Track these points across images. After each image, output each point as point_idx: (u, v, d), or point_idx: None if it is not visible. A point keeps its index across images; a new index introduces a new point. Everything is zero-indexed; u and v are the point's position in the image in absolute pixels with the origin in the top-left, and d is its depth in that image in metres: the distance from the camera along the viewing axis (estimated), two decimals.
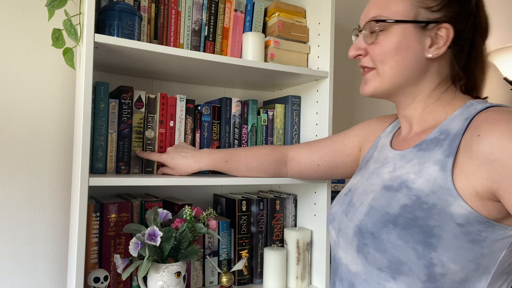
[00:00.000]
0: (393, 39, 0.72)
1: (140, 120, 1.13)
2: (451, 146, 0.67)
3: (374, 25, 0.74)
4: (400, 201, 0.68)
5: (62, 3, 0.95)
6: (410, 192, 0.67)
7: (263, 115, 1.32)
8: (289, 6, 1.34)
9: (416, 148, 0.73)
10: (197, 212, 1.06)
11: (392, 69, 0.73)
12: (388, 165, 0.77)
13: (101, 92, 1.05)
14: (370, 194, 0.75)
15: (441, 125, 0.72)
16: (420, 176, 0.68)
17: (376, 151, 0.86)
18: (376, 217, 0.69)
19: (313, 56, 1.33)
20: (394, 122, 0.91)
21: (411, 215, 0.65)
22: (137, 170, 1.12)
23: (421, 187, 0.66)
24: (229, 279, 1.14)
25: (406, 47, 0.72)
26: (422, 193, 0.66)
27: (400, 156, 0.76)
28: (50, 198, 1.20)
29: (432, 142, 0.70)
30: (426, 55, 0.72)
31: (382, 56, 0.73)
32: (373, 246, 0.68)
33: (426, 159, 0.69)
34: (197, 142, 1.20)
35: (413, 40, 0.72)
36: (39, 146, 1.19)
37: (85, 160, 0.89)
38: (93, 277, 1.00)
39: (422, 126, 0.77)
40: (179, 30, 1.22)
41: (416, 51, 0.72)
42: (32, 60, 1.18)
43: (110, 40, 0.93)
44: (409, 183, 0.68)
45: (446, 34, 0.71)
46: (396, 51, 0.72)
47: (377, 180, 0.76)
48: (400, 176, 0.71)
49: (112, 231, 1.07)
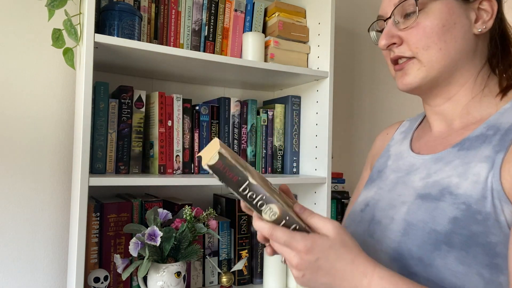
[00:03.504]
0: (437, 17, 0.62)
1: (140, 120, 1.13)
2: (502, 141, 0.57)
3: (411, 4, 0.63)
4: (447, 213, 0.56)
5: (62, 3, 0.95)
6: (456, 200, 0.56)
7: (262, 115, 1.32)
8: (289, 6, 1.34)
9: (456, 147, 0.62)
10: (197, 212, 1.06)
11: (441, 51, 0.62)
12: (417, 171, 0.66)
13: (101, 92, 1.06)
14: (400, 207, 0.64)
15: (489, 120, 0.62)
16: (466, 178, 0.57)
17: (390, 160, 0.75)
18: (420, 237, 0.57)
19: (313, 56, 1.33)
20: (402, 128, 0.81)
21: (467, 231, 0.53)
22: (136, 170, 1.12)
23: (468, 191, 0.55)
24: (229, 279, 1.14)
25: (454, 23, 0.62)
26: (471, 200, 0.55)
27: (434, 159, 0.65)
28: (50, 198, 1.20)
29: (478, 139, 0.60)
30: (474, 31, 0.63)
31: (426, 39, 0.62)
32: (425, 275, 0.55)
33: (471, 158, 0.59)
34: (196, 142, 1.20)
35: (459, 14, 0.62)
36: (39, 146, 1.19)
37: (85, 160, 0.89)
38: (93, 277, 1.00)
39: (464, 121, 0.66)
40: (179, 30, 1.22)
41: (465, 26, 0.63)
42: (32, 60, 1.18)
43: (110, 40, 0.93)
44: (453, 189, 0.58)
45: (490, 7, 0.63)
46: (443, 30, 0.62)
47: (406, 190, 0.65)
48: (439, 181, 0.60)
49: (112, 231, 1.07)
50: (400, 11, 0.65)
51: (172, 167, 1.14)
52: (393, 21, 0.65)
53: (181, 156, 1.16)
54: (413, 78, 0.65)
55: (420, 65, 0.64)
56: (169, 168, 1.14)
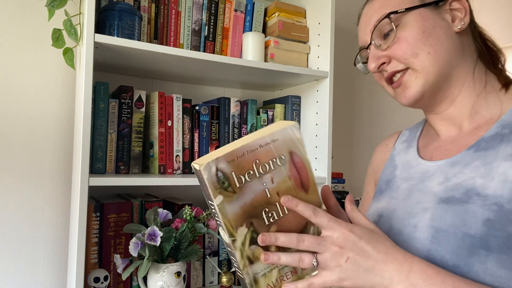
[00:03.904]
0: (415, 26, 0.63)
1: (140, 120, 1.13)
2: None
3: (387, 23, 0.65)
4: (479, 215, 0.54)
5: (62, 3, 0.95)
6: (486, 201, 0.54)
7: (262, 115, 1.32)
8: (289, 6, 1.34)
9: (472, 149, 0.61)
10: (197, 212, 1.06)
11: (430, 54, 0.63)
12: (433, 177, 0.64)
13: (101, 92, 1.06)
14: (423, 214, 0.61)
15: (502, 119, 0.61)
16: (492, 178, 0.56)
17: (397, 170, 0.74)
18: (453, 243, 0.55)
19: (313, 56, 1.33)
20: (403, 137, 0.81)
21: (503, 232, 0.51)
22: (136, 170, 1.12)
23: (498, 191, 0.54)
24: (229, 279, 1.14)
25: (432, 27, 0.63)
26: (502, 200, 0.53)
27: (450, 163, 0.63)
28: (50, 198, 1.20)
29: (495, 139, 0.59)
30: (455, 30, 0.64)
31: (412, 48, 0.63)
32: None
33: (492, 158, 0.58)
34: (196, 142, 1.20)
35: (435, 19, 0.64)
36: (39, 146, 1.19)
37: (85, 160, 0.89)
38: (93, 277, 1.00)
39: (474, 122, 0.65)
40: (179, 30, 1.22)
41: (444, 27, 0.64)
42: (32, 60, 1.18)
43: (110, 40, 0.93)
44: (479, 190, 0.56)
45: (461, 5, 0.65)
46: (424, 35, 0.63)
47: (425, 196, 0.63)
48: (461, 183, 0.59)
49: (112, 231, 1.07)
50: (378, 34, 0.66)
51: (172, 167, 1.14)
52: (375, 45, 0.67)
53: (181, 156, 1.16)
54: (414, 88, 0.65)
55: (416, 73, 0.64)
56: (169, 168, 1.14)
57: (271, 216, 0.53)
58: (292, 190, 0.53)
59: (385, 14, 0.64)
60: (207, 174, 0.49)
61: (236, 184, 0.51)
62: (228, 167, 0.50)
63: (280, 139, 0.51)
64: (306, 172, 0.53)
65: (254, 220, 0.52)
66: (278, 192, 0.53)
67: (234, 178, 0.51)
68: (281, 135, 0.51)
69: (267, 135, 0.51)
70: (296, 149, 0.52)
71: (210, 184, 0.50)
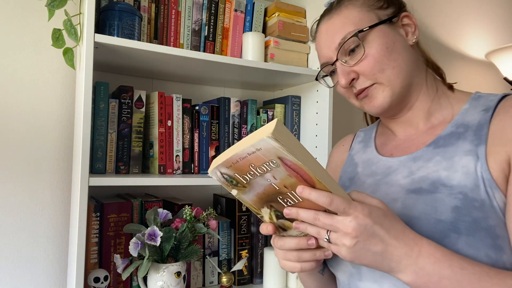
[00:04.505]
0: (378, 43, 0.69)
1: (140, 120, 1.13)
2: (478, 135, 0.63)
3: (353, 41, 0.69)
4: (447, 203, 0.60)
5: (62, 3, 0.95)
6: (452, 191, 0.60)
7: (262, 115, 1.32)
8: (289, 6, 1.34)
9: (431, 146, 0.68)
10: (197, 212, 1.06)
11: (394, 69, 0.69)
12: (397, 172, 0.70)
13: (101, 92, 1.06)
14: (393, 204, 0.66)
15: (455, 119, 0.68)
16: (455, 170, 0.62)
17: (359, 167, 0.80)
18: (426, 229, 0.60)
19: (313, 56, 1.33)
20: (358, 138, 0.87)
21: (469, 217, 0.58)
22: (136, 170, 1.12)
23: (462, 182, 0.60)
24: (229, 279, 1.14)
25: (393, 42, 0.69)
26: (466, 189, 0.60)
27: (411, 159, 0.69)
28: (50, 198, 1.20)
29: (452, 137, 0.66)
30: (409, 43, 0.71)
31: (379, 64, 0.68)
32: None
33: (451, 153, 0.64)
34: (196, 142, 1.20)
35: (393, 34, 0.70)
36: (39, 146, 1.19)
37: (85, 160, 0.89)
38: (93, 277, 1.00)
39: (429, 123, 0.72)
40: (179, 30, 1.22)
41: (402, 41, 0.71)
42: (32, 60, 1.18)
43: (110, 40, 0.93)
44: (445, 181, 0.62)
45: (410, 20, 0.72)
46: (388, 51, 0.69)
47: (393, 189, 0.69)
48: (427, 176, 0.65)
49: (112, 231, 1.07)
50: (343, 51, 0.70)
51: (172, 167, 1.14)
52: (341, 62, 0.71)
53: (181, 156, 1.16)
54: (382, 99, 0.70)
55: (382, 87, 0.69)
56: (169, 168, 1.14)
57: (287, 201, 0.56)
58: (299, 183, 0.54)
59: (351, 32, 0.69)
60: (215, 177, 0.57)
61: (243, 182, 0.56)
62: (229, 171, 0.54)
63: (263, 148, 0.50)
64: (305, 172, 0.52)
65: (273, 204, 0.57)
66: (285, 185, 0.54)
67: (239, 177, 0.55)
68: (261, 145, 0.50)
69: (249, 146, 0.50)
70: (283, 154, 0.50)
71: (222, 183, 0.57)
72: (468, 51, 2.22)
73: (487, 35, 2.31)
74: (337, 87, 0.75)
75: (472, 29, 2.24)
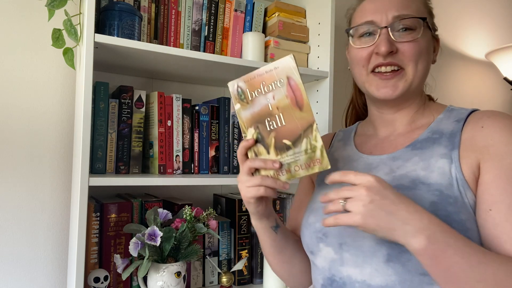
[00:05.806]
0: (426, 40, 0.73)
1: (140, 120, 1.13)
2: (451, 141, 0.70)
3: (414, 21, 0.71)
4: (425, 198, 0.66)
5: (62, 3, 0.95)
6: (430, 188, 0.67)
7: None
8: (289, 6, 1.34)
9: (409, 147, 0.74)
10: (197, 212, 1.06)
11: (424, 68, 0.74)
12: (378, 169, 0.75)
13: (101, 92, 1.06)
14: None
15: (430, 127, 0.75)
16: (431, 171, 0.68)
17: (339, 163, 0.83)
18: None
19: (313, 56, 1.33)
20: (338, 137, 0.91)
21: (445, 211, 0.64)
22: (136, 170, 1.12)
23: (438, 181, 0.67)
24: (229, 279, 1.14)
25: (429, 48, 0.75)
26: (442, 187, 0.66)
27: (391, 158, 0.75)
28: (50, 198, 1.20)
29: (428, 141, 0.72)
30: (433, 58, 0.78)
31: (418, 55, 0.72)
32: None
33: (428, 155, 0.70)
34: (196, 142, 1.20)
35: (432, 43, 0.77)
36: (39, 146, 1.19)
37: (85, 160, 0.89)
38: (93, 277, 1.00)
39: (408, 128, 0.78)
40: (179, 30, 1.22)
41: (431, 53, 0.77)
42: (32, 60, 1.18)
43: (110, 40, 0.93)
44: (423, 179, 0.68)
45: (438, 42, 0.80)
46: (427, 52, 0.74)
47: None
48: (406, 174, 0.70)
49: (112, 231, 1.07)
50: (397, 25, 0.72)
51: (172, 167, 1.14)
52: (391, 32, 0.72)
53: (181, 156, 1.16)
54: (402, 87, 0.73)
55: (406, 77, 0.73)
56: (169, 168, 1.14)
57: (271, 124, 0.70)
58: (289, 106, 0.69)
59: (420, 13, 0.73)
60: (231, 88, 0.73)
61: (249, 97, 0.72)
62: (244, 85, 0.72)
63: (280, 66, 0.68)
64: (301, 93, 0.67)
65: (259, 125, 0.71)
66: (277, 107, 0.69)
67: (248, 93, 0.72)
68: (281, 64, 0.68)
69: (271, 64, 0.69)
70: (292, 75, 0.67)
71: (232, 96, 0.73)
72: (468, 51, 2.22)
73: (487, 35, 2.31)
74: (354, 51, 0.76)
75: (472, 29, 2.24)
